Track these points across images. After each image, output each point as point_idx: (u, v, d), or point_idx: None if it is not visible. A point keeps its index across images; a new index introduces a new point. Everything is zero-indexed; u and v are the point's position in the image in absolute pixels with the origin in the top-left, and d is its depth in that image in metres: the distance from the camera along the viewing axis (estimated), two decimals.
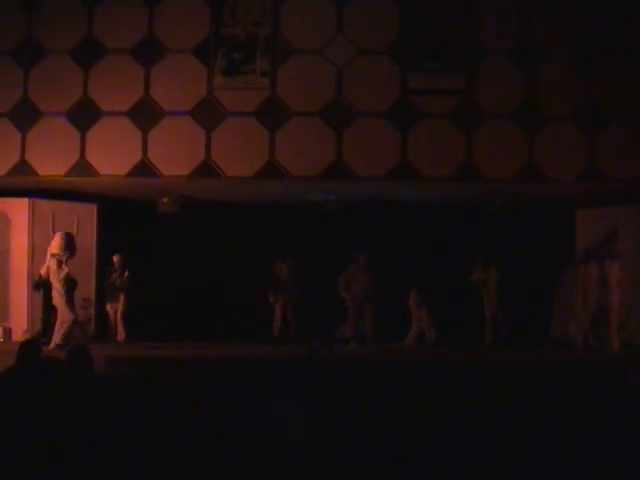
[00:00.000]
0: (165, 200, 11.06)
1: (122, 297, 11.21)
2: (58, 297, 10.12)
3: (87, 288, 11.34)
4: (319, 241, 11.65)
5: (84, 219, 11.49)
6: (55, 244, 10.24)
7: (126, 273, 11.19)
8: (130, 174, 10.09)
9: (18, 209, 11.03)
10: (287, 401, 5.42)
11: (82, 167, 10.09)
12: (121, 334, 11.12)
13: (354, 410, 5.36)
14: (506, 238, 11.40)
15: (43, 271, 10.31)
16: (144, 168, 10.08)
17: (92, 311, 11.42)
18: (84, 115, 10.08)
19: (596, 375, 5.11)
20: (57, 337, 9.94)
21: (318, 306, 11.04)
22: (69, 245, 10.25)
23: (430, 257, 11.69)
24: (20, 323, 10.79)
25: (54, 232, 10.72)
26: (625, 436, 4.57)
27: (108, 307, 11.31)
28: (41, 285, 10.40)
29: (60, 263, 10.15)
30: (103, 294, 11.39)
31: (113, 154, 10.07)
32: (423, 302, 10.94)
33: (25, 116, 10.07)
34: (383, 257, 11.08)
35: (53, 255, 10.20)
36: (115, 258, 11.23)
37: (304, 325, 10.96)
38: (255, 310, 11.23)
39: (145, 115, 10.07)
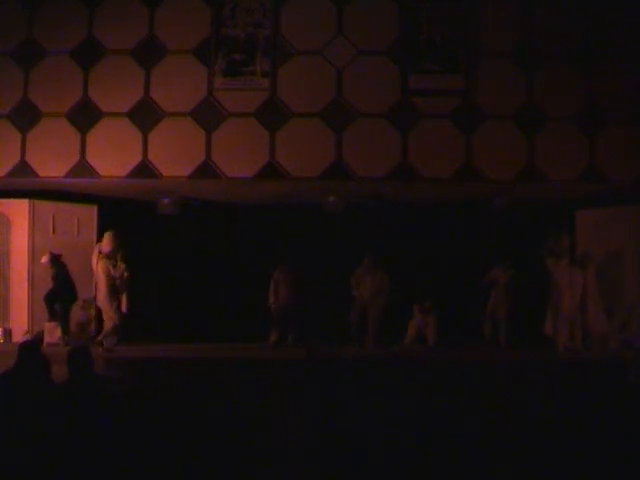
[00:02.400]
0: (165, 201, 11.06)
1: (123, 298, 11.20)
2: (105, 297, 10.05)
3: (87, 289, 11.33)
4: (319, 242, 11.63)
5: (84, 220, 11.48)
6: (106, 242, 10.06)
7: (125, 274, 11.14)
8: (130, 175, 10.10)
9: (18, 210, 11.02)
10: (287, 402, 5.42)
11: (82, 168, 10.10)
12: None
13: (354, 410, 5.36)
14: (506, 239, 11.39)
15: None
16: (144, 169, 10.09)
17: (92, 312, 11.40)
18: (84, 116, 10.08)
19: (596, 375, 5.11)
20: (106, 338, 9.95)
21: (318, 307, 11.03)
22: (120, 243, 10.07)
23: (430, 257, 11.68)
24: (20, 324, 10.78)
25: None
26: (625, 436, 4.56)
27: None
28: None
29: (115, 262, 10.04)
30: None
31: (113, 155, 10.08)
32: (431, 309, 10.92)
33: (25, 117, 10.08)
34: (384, 258, 11.07)
35: (105, 255, 10.04)
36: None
37: (303, 326, 10.96)
38: (255, 311, 11.21)
39: (145, 116, 10.08)
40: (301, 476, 4.70)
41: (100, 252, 10.11)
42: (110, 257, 10.08)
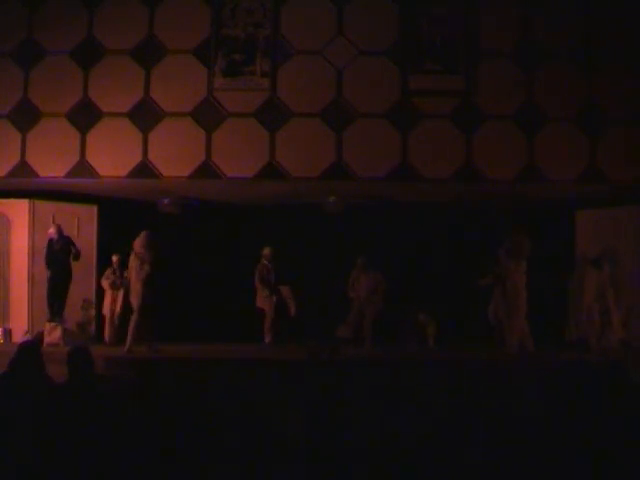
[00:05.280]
0: (165, 201, 11.06)
1: (120, 297, 11.18)
2: (135, 298, 9.81)
3: (87, 289, 11.35)
4: (319, 242, 11.63)
5: (85, 220, 11.49)
6: (138, 242, 9.88)
7: (125, 273, 11.12)
8: (130, 175, 10.10)
9: (18, 210, 11.03)
10: (287, 402, 5.42)
11: (82, 168, 10.10)
12: (111, 335, 11.12)
13: (354, 410, 5.36)
14: (506, 239, 11.37)
15: (126, 273, 10.30)
16: (144, 169, 10.09)
17: (93, 312, 11.42)
18: (84, 116, 10.09)
19: (596, 375, 5.10)
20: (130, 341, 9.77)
21: (318, 307, 11.03)
22: (151, 244, 9.84)
23: (430, 257, 11.68)
24: (20, 324, 10.78)
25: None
26: (625, 436, 4.56)
27: (104, 308, 11.30)
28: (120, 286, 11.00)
29: (142, 262, 9.75)
30: (102, 294, 11.37)
31: (113, 155, 10.08)
32: (431, 319, 10.90)
33: (25, 117, 10.09)
34: (382, 258, 11.08)
35: (136, 254, 9.83)
36: (114, 258, 11.17)
37: (303, 326, 10.95)
38: (254, 311, 11.21)
39: (145, 116, 10.09)
40: (301, 475, 4.70)
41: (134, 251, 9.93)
42: (139, 257, 9.81)
